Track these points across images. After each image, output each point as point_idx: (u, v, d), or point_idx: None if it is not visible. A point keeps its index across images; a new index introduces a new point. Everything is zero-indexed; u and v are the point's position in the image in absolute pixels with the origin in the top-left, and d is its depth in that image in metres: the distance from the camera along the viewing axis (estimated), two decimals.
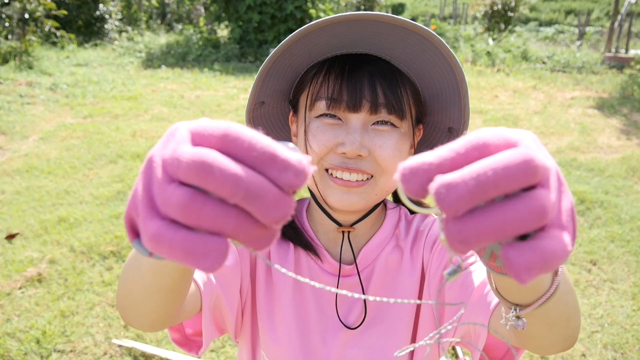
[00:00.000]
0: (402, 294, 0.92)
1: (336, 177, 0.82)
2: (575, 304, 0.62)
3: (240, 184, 0.33)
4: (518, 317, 0.57)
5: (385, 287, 0.93)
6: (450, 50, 0.78)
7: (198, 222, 0.34)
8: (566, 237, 0.35)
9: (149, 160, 0.38)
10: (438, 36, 0.77)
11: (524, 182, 0.33)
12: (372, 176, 0.82)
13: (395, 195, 1.03)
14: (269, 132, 1.00)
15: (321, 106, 0.82)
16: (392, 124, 0.82)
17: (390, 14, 0.75)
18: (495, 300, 0.75)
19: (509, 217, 0.33)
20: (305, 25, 0.76)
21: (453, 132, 0.91)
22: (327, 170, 0.83)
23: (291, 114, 0.93)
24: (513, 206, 0.33)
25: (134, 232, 0.39)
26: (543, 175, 0.34)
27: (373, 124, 0.81)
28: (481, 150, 0.35)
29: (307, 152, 0.83)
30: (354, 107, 0.80)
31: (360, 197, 0.83)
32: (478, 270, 0.83)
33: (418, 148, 0.98)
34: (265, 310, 0.94)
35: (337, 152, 0.81)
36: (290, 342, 0.91)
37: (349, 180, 0.81)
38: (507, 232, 0.33)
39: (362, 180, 0.81)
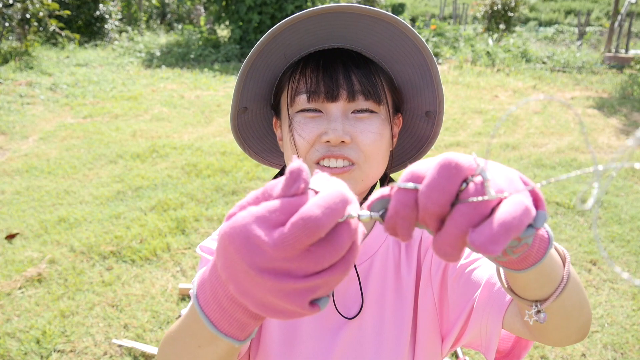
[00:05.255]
0: (402, 290, 0.92)
1: (324, 165, 0.84)
2: (585, 294, 0.66)
3: (340, 201, 0.42)
4: (539, 312, 0.60)
5: (386, 283, 0.93)
6: (417, 33, 0.82)
7: (344, 245, 0.42)
8: (517, 198, 0.41)
9: (267, 270, 0.42)
10: (403, 21, 0.80)
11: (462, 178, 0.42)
12: (354, 164, 0.85)
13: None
14: (254, 141, 1.02)
15: (301, 100, 0.85)
16: (371, 110, 0.85)
17: (355, 4, 0.78)
18: (507, 296, 0.77)
19: (462, 213, 0.40)
20: (276, 25, 0.80)
21: (430, 115, 0.94)
22: (316, 162, 0.85)
23: (274, 119, 0.96)
24: (460, 207, 0.41)
25: (313, 305, 0.44)
26: (469, 170, 0.42)
27: (353, 112, 0.85)
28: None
29: (295, 148, 0.86)
30: (332, 97, 0.83)
31: (348, 182, 0.83)
32: (483, 267, 0.84)
33: (400, 138, 1.01)
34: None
35: (322, 141, 0.84)
36: (273, 352, 0.91)
37: (336, 167, 0.84)
38: (467, 223, 0.40)
39: (348, 165, 0.84)
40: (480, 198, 0.40)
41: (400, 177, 0.44)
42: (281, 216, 0.42)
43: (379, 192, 0.46)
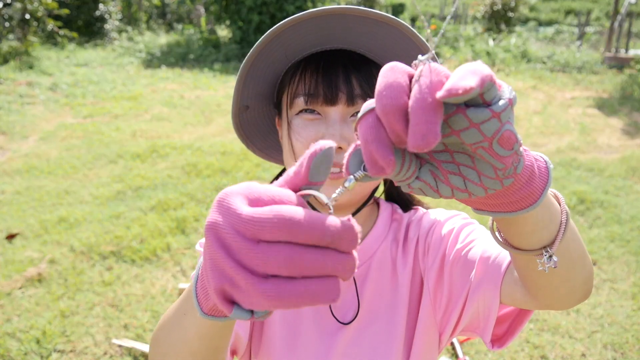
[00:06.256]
0: (396, 288, 0.92)
1: None
2: (583, 243, 0.65)
3: (327, 228, 0.38)
4: (550, 257, 0.60)
5: (383, 285, 0.93)
6: (421, 37, 0.80)
7: (302, 270, 0.38)
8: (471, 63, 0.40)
9: (213, 231, 0.39)
10: (407, 24, 0.79)
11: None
12: None
13: (386, 193, 1.04)
14: (258, 138, 1.02)
15: (300, 103, 0.84)
16: None
17: (357, 7, 0.77)
18: (503, 266, 0.76)
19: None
20: (277, 24, 0.78)
21: None
22: None
23: (277, 118, 0.95)
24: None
25: (229, 302, 0.41)
26: (410, 69, 0.42)
27: (352, 115, 0.84)
28: None
29: (292, 150, 0.85)
30: (331, 101, 0.82)
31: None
32: (477, 246, 0.83)
33: None
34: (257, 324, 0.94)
35: None
36: (275, 351, 0.91)
37: (333, 173, 0.82)
38: (429, 91, 0.38)
39: (341, 172, 0.83)
40: (429, 60, 0.40)
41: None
42: (271, 200, 0.40)
43: (348, 150, 0.44)
